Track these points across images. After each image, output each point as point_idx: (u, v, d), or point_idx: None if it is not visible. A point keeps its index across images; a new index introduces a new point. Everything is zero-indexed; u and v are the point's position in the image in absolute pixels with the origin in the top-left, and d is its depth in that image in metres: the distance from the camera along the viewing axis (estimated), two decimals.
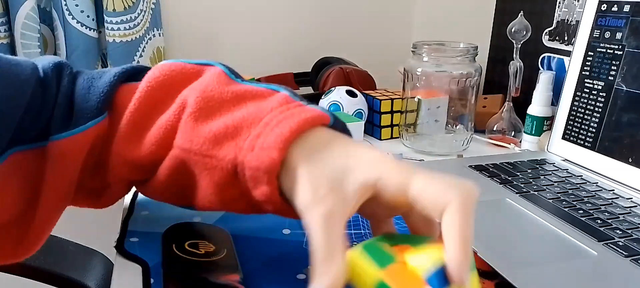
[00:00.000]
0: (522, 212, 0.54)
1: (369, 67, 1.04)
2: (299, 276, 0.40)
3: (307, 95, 1.00)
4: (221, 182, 0.34)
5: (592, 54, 0.68)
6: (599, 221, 0.51)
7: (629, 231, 0.49)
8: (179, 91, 0.38)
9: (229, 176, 0.34)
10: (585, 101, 0.68)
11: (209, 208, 0.37)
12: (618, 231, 0.49)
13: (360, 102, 0.86)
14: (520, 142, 0.82)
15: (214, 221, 0.49)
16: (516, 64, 0.83)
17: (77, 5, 1.00)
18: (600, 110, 0.66)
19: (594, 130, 0.66)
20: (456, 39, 0.83)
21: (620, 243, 0.47)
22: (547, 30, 0.89)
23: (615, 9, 0.66)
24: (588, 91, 0.68)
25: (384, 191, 0.30)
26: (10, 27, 0.97)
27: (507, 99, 0.85)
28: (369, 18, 1.28)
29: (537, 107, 0.79)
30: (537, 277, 0.41)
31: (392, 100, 0.85)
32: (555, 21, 0.87)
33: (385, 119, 0.86)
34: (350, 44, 1.24)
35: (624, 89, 0.63)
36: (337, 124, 0.35)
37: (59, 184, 0.39)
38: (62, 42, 1.01)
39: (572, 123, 0.70)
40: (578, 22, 0.72)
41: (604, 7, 0.67)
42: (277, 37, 1.21)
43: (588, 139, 0.67)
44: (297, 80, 1.14)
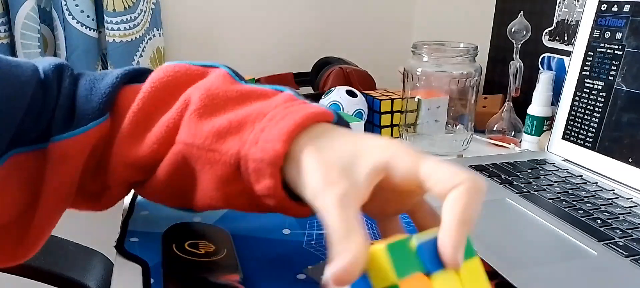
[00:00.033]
0: (522, 212, 0.54)
1: (369, 67, 1.04)
2: (299, 276, 0.40)
3: (307, 95, 1.00)
4: (224, 176, 0.34)
5: (592, 54, 0.68)
6: (599, 221, 0.51)
7: (629, 231, 0.49)
8: (183, 91, 0.38)
9: (231, 170, 0.33)
10: (585, 101, 0.68)
11: (209, 205, 0.37)
12: (618, 231, 0.49)
13: (360, 102, 0.86)
14: (520, 142, 0.82)
15: (214, 221, 0.49)
16: (516, 64, 0.83)
17: (77, 5, 1.00)
18: (600, 110, 0.66)
19: (594, 130, 0.66)
20: (456, 39, 0.83)
21: (620, 243, 0.47)
22: (547, 30, 0.89)
23: (615, 9, 0.66)
24: (588, 91, 0.68)
25: (395, 173, 0.29)
26: (10, 27, 0.97)
27: (507, 99, 0.85)
28: (369, 18, 1.28)
29: (537, 107, 0.79)
30: (537, 277, 0.41)
31: (392, 100, 0.85)
32: (555, 21, 0.87)
33: (385, 119, 0.86)
34: (350, 44, 1.24)
35: (624, 89, 0.63)
36: (340, 122, 0.35)
37: (59, 186, 0.39)
38: (62, 42, 1.01)
39: (572, 123, 0.70)
40: (578, 22, 0.72)
41: (604, 7, 0.67)
42: (277, 37, 1.21)
43: (588, 138, 0.67)
44: (297, 80, 1.14)
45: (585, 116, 0.68)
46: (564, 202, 0.56)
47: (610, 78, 0.65)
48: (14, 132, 0.37)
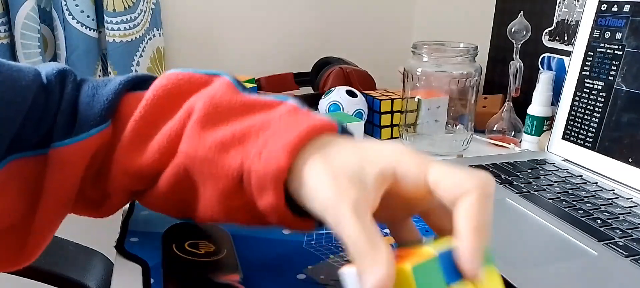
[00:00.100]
0: (522, 212, 0.54)
1: (369, 67, 1.04)
2: (299, 276, 0.40)
3: (307, 95, 1.00)
4: (226, 190, 0.33)
5: (592, 54, 0.68)
6: (599, 221, 0.51)
7: (629, 231, 0.49)
8: (186, 100, 0.37)
9: (234, 184, 0.33)
10: (585, 101, 0.68)
11: (211, 218, 0.36)
12: (618, 231, 0.49)
13: (360, 102, 0.86)
14: (520, 142, 0.82)
15: None
16: (516, 64, 0.83)
17: (77, 5, 1.00)
18: (600, 110, 0.66)
19: (594, 130, 0.66)
20: (456, 39, 0.83)
21: (620, 243, 0.47)
22: (547, 30, 0.89)
23: (615, 9, 0.66)
24: (588, 91, 0.68)
25: (403, 180, 0.29)
26: (10, 27, 0.97)
27: (507, 99, 0.85)
28: (369, 18, 1.28)
29: (537, 107, 0.79)
30: (537, 277, 0.41)
31: (392, 100, 0.85)
32: (555, 21, 0.87)
33: (385, 119, 0.86)
34: (350, 44, 1.24)
35: (624, 89, 0.63)
36: (344, 132, 0.35)
37: (59, 192, 0.38)
38: (62, 42, 1.01)
39: (572, 123, 0.70)
40: (578, 22, 0.72)
41: (604, 7, 0.67)
42: (277, 37, 1.21)
43: (588, 138, 0.67)
44: (297, 80, 1.14)
45: (585, 116, 0.68)
46: (564, 202, 0.56)
47: (610, 78, 0.65)
48: (14, 136, 0.36)
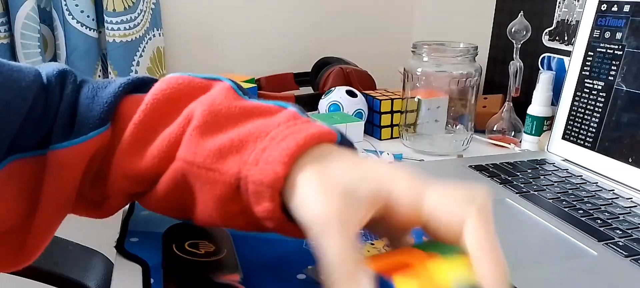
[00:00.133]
0: (522, 212, 0.54)
1: (369, 67, 1.04)
2: (299, 276, 0.40)
3: (307, 95, 1.00)
4: (223, 196, 0.33)
5: (592, 54, 0.68)
6: (599, 221, 0.51)
7: (629, 231, 0.49)
8: (186, 105, 0.37)
9: (231, 191, 0.33)
10: (585, 101, 0.68)
11: (208, 223, 0.36)
12: (618, 231, 0.49)
13: (360, 102, 0.86)
14: (520, 142, 0.82)
15: None
16: (516, 64, 0.83)
17: (77, 5, 1.00)
18: (600, 110, 0.66)
19: (594, 130, 0.66)
20: (456, 39, 0.83)
21: (620, 243, 0.47)
22: (547, 30, 0.89)
23: (615, 9, 0.66)
24: (588, 91, 0.68)
25: (397, 203, 0.29)
26: (10, 27, 0.97)
27: (507, 99, 0.85)
28: (369, 18, 1.28)
29: (537, 107, 0.79)
30: (537, 277, 0.41)
31: (392, 100, 0.85)
32: (555, 21, 0.87)
33: (385, 119, 0.86)
34: (350, 44, 1.24)
35: (624, 89, 0.63)
36: (344, 142, 0.35)
37: (58, 194, 0.38)
38: (62, 42, 1.01)
39: (572, 123, 0.70)
40: (578, 22, 0.72)
41: (604, 7, 0.67)
42: (277, 37, 1.21)
43: (588, 139, 0.67)
44: (297, 80, 1.14)
45: (585, 116, 0.68)
46: (564, 202, 0.56)
47: (610, 78, 0.65)
48: (14, 137, 0.36)
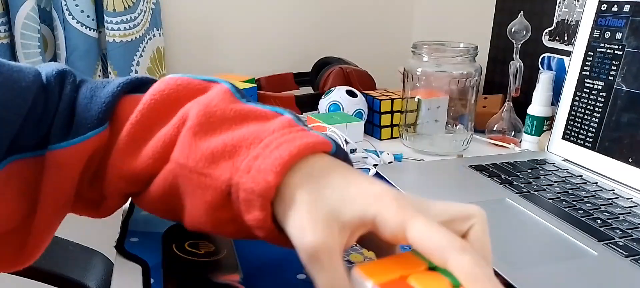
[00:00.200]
0: (522, 212, 0.54)
1: (369, 67, 1.04)
2: (299, 276, 0.40)
3: (307, 95, 1.00)
4: (214, 202, 0.33)
5: (592, 54, 0.68)
6: (599, 221, 0.51)
7: (629, 231, 0.49)
8: (183, 106, 0.37)
9: (222, 197, 0.33)
10: (585, 101, 0.68)
11: (198, 228, 0.36)
12: (618, 231, 0.49)
13: (360, 102, 0.86)
14: (520, 142, 0.82)
15: None
16: (516, 64, 0.83)
17: (77, 5, 1.00)
18: (600, 110, 0.66)
19: (594, 130, 0.66)
20: (456, 39, 0.83)
21: (620, 243, 0.47)
22: (547, 30, 0.89)
23: (615, 9, 0.66)
24: (588, 91, 0.68)
25: (381, 228, 0.29)
26: (10, 27, 0.97)
27: (507, 99, 0.85)
28: (369, 18, 1.28)
29: (537, 107, 0.79)
30: (537, 277, 0.41)
31: (392, 100, 0.85)
32: (555, 21, 0.87)
33: (385, 119, 0.86)
34: (350, 44, 1.24)
35: (624, 89, 0.63)
36: (338, 152, 0.34)
37: (57, 194, 0.38)
38: (62, 42, 1.01)
39: (572, 123, 0.70)
40: (578, 22, 0.72)
41: (604, 7, 0.67)
42: (277, 37, 1.21)
43: (588, 138, 0.67)
44: (297, 80, 1.14)
45: (585, 116, 0.68)
46: (564, 202, 0.56)
47: (610, 78, 0.65)
48: (13, 137, 0.36)
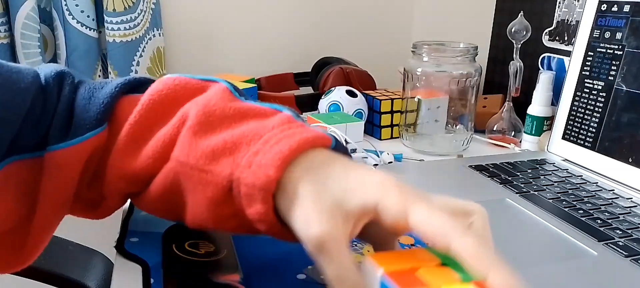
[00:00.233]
0: (522, 212, 0.54)
1: (369, 67, 1.04)
2: (299, 276, 0.40)
3: (307, 95, 1.00)
4: (215, 198, 0.33)
5: (592, 54, 0.68)
6: (599, 221, 0.51)
7: (629, 231, 0.49)
8: (182, 105, 0.37)
9: (223, 193, 0.33)
10: (585, 101, 0.68)
11: (200, 225, 0.36)
12: (618, 231, 0.49)
13: (360, 102, 0.86)
14: (520, 142, 0.82)
15: None
16: (516, 64, 0.83)
17: (77, 5, 1.00)
18: (600, 110, 0.66)
19: (594, 130, 0.66)
20: (456, 39, 0.83)
21: (620, 243, 0.47)
22: (547, 30, 0.89)
23: (615, 9, 0.66)
24: (588, 91, 0.68)
25: (383, 216, 0.29)
26: (10, 27, 0.97)
27: (507, 99, 0.85)
28: (369, 18, 1.28)
29: (537, 107, 0.79)
30: (537, 277, 0.41)
31: (392, 100, 0.85)
32: (555, 21, 0.87)
33: (385, 119, 0.86)
34: (350, 44, 1.24)
35: (624, 89, 0.63)
36: (338, 147, 0.34)
37: (56, 195, 0.38)
38: (62, 42, 1.01)
39: (572, 123, 0.70)
40: (578, 22, 0.72)
41: (604, 7, 0.67)
42: (277, 37, 1.21)
43: (588, 138, 0.67)
44: (297, 80, 1.14)
45: (585, 116, 0.68)
46: (564, 202, 0.56)
47: (610, 78, 0.65)
48: (12, 138, 0.36)
